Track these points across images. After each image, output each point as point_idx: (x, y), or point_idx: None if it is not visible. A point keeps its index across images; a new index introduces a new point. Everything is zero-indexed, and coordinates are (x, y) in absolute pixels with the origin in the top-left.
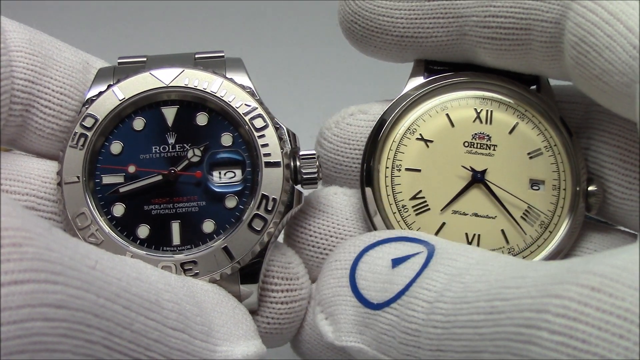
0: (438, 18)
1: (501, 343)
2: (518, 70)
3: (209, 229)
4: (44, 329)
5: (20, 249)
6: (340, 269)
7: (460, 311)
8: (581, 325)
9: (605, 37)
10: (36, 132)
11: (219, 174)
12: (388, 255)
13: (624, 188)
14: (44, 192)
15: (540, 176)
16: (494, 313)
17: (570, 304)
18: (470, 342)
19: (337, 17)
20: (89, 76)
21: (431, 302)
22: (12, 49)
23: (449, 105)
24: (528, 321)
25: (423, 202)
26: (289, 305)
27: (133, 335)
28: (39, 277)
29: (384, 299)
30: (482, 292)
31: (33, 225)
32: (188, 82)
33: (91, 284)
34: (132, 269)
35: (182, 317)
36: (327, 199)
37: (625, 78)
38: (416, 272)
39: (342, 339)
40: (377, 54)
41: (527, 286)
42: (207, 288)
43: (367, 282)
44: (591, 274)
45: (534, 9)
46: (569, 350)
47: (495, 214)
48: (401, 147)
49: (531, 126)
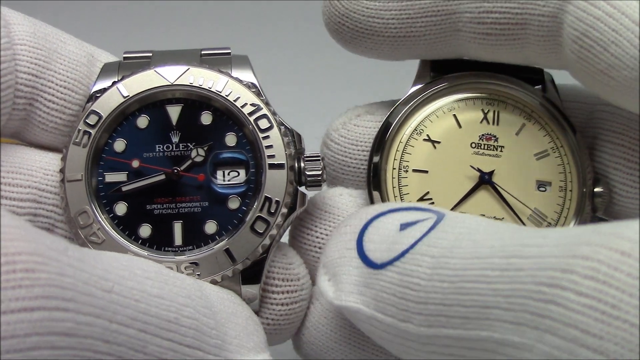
0: (430, 16)
1: (518, 300)
2: (514, 62)
3: (211, 230)
4: (49, 357)
5: (33, 275)
6: (349, 233)
7: (472, 265)
8: (612, 290)
9: (610, 31)
10: (40, 125)
11: (222, 174)
12: (398, 221)
13: (628, 187)
14: (45, 185)
15: (547, 177)
16: (510, 270)
17: (600, 267)
18: (480, 296)
19: (322, 18)
20: (93, 69)
21: (437, 258)
22: (16, 42)
23: (456, 106)
24: (551, 280)
25: (430, 204)
26: (289, 307)
27: (145, 357)
28: (50, 305)
29: (388, 258)
30: (496, 249)
31: (47, 248)
32: (193, 81)
33: (104, 309)
34: (154, 285)
35: (198, 334)
36: (333, 200)
37: (634, 72)
38: (423, 233)
39: (342, 299)
40: (368, 54)
41: (549, 245)
42: (224, 296)
43: (374, 244)
44: (621, 237)
45: (530, 3)
46: (596, 314)
47: (502, 215)
48: (408, 148)
49: (538, 127)
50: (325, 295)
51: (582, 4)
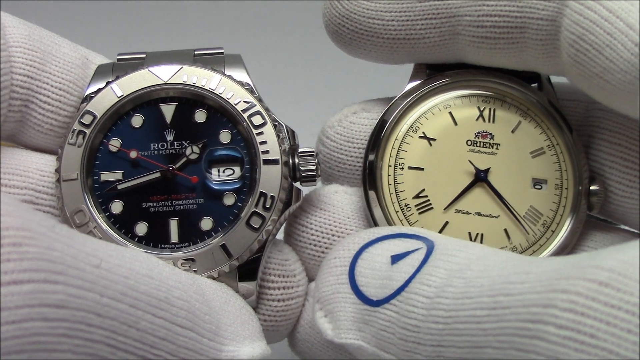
0: (430, 19)
1: (505, 338)
2: (512, 67)
3: (207, 227)
4: (43, 329)
5: (21, 249)
6: (340, 266)
7: (463, 306)
8: (589, 320)
9: (605, 34)
10: (35, 127)
11: (217, 171)
12: (387, 252)
13: (624, 186)
14: (42, 186)
15: (542, 175)
16: (497, 308)
17: (578, 299)
18: (472, 337)
19: (322, 20)
20: (88, 72)
21: (431, 298)
22: (11, 45)
23: (452, 103)
24: (534, 316)
25: (426, 201)
26: (285, 303)
27: (139, 334)
28: (39, 277)
29: (383, 295)
30: (485, 288)
31: (35, 224)
32: (187, 79)
33: (94, 283)
34: (142, 266)
35: (191, 315)
36: (328, 197)
37: (627, 76)
38: (415, 268)
39: (342, 336)
40: (367, 56)
41: (531, 281)
42: (215, 287)
43: (367, 279)
44: (599, 268)
45: (529, 6)
46: (576, 345)
47: (498, 213)
48: (404, 145)
49: (534, 125)
50: (324, 334)
51: (579, 7)
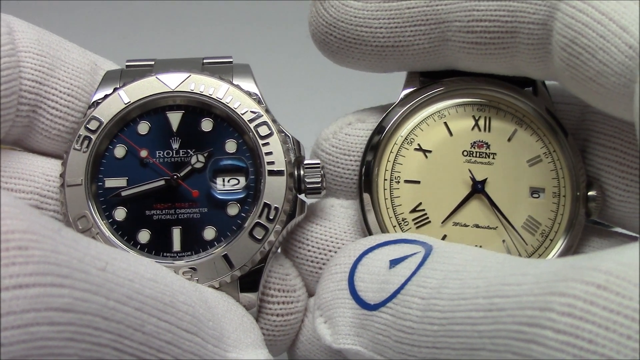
0: (419, 25)
1: (501, 341)
2: (504, 73)
3: (209, 236)
4: (49, 333)
5: (26, 252)
6: (340, 273)
7: (458, 307)
8: (588, 325)
9: (598, 37)
10: (42, 132)
11: (222, 180)
12: (386, 256)
13: (621, 190)
14: (47, 191)
15: (540, 184)
16: (493, 310)
17: (576, 303)
18: (467, 339)
19: (309, 29)
20: (96, 77)
21: (427, 299)
22: (20, 50)
23: (447, 112)
24: (531, 319)
25: (423, 215)
26: (284, 318)
27: (144, 337)
28: (45, 281)
29: (380, 299)
30: (480, 289)
31: (40, 227)
32: (194, 88)
33: (100, 287)
34: (147, 270)
35: (195, 320)
36: (324, 211)
37: (622, 79)
38: (412, 271)
39: (340, 342)
40: (355, 65)
41: (528, 283)
42: (217, 295)
43: (365, 283)
44: (596, 270)
45: (520, 10)
46: (574, 350)
47: (496, 224)
48: (399, 158)
49: (530, 132)
50: (322, 339)
51: (571, 10)
